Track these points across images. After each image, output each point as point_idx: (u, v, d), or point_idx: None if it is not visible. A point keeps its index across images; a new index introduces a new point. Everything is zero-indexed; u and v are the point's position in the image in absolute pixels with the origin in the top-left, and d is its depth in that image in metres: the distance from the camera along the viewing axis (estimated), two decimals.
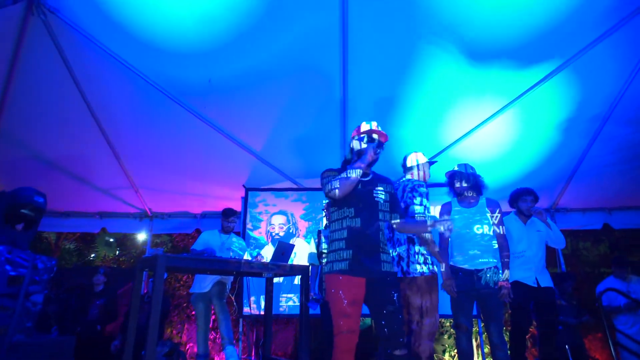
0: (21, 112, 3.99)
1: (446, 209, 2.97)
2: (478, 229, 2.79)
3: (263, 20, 3.26)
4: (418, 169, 2.92)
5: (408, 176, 2.90)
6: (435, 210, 4.78)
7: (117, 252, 8.29)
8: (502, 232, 2.84)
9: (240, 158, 4.68)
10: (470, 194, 2.95)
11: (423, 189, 2.71)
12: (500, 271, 2.72)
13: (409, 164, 2.95)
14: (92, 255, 8.33)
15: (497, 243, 2.83)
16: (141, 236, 7.58)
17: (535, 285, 3.15)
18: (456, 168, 3.12)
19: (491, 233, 2.82)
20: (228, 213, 3.98)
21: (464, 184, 2.98)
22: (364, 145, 2.33)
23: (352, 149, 2.39)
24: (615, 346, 3.77)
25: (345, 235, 2.15)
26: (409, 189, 2.72)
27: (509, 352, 2.82)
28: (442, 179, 3.41)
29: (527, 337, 3.32)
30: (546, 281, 3.20)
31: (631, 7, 3.10)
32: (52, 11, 3.22)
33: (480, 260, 2.72)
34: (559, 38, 3.32)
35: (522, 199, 3.35)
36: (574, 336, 3.99)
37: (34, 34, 3.34)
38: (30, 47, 3.45)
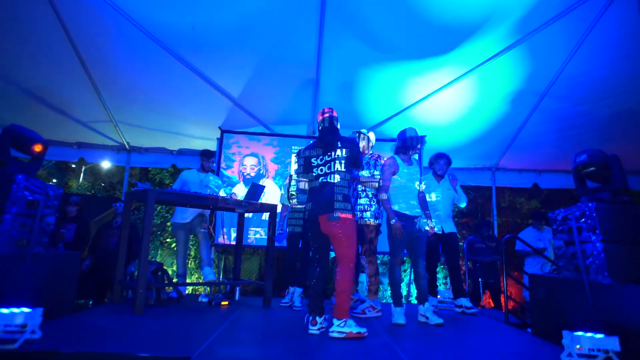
0: (1, 42, 4.04)
1: (394, 164, 3.37)
2: (418, 185, 3.39)
3: None
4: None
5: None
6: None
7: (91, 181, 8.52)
8: (422, 190, 3.49)
9: (218, 101, 4.97)
10: (412, 154, 3.45)
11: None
12: (426, 220, 3.38)
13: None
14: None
15: (419, 197, 3.43)
16: (106, 164, 7.75)
17: (441, 232, 3.92)
18: (416, 133, 3.45)
19: (423, 189, 3.46)
20: (209, 154, 4.35)
21: (417, 145, 3.40)
22: None
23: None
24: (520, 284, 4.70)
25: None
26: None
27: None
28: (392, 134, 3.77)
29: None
30: (449, 228, 3.97)
31: None
32: None
33: (416, 210, 3.34)
34: (518, 16, 3.70)
35: (437, 162, 4.06)
36: (488, 272, 4.89)
37: None
38: None
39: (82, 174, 8.89)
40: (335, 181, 2.76)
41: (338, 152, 2.80)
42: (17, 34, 3.94)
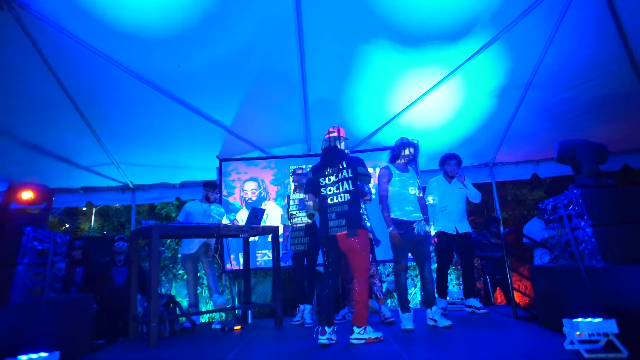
0: (1, 102, 4.26)
1: (387, 173, 3.50)
2: (412, 190, 3.46)
3: (224, 5, 3.57)
4: None
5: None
6: (376, 171, 5.48)
7: (100, 224, 8.73)
8: (422, 195, 3.55)
9: (213, 131, 5.13)
10: (405, 160, 3.54)
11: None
12: (426, 224, 3.44)
13: None
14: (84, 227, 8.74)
15: (420, 203, 3.50)
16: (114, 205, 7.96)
17: (455, 233, 3.92)
18: (414, 141, 3.57)
19: (420, 195, 3.52)
20: (213, 185, 4.45)
21: (410, 153, 3.50)
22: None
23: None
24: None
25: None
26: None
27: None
28: (392, 143, 3.83)
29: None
30: (464, 228, 3.96)
31: None
32: (21, 6, 3.41)
33: (413, 215, 3.41)
34: (493, 11, 3.79)
35: (447, 163, 4.06)
36: (498, 269, 4.90)
37: (5, 28, 3.53)
38: (2, 40, 3.67)
39: (92, 217, 9.10)
40: (346, 200, 2.96)
41: (344, 172, 3.00)
42: (15, 92, 4.15)
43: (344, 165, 3.02)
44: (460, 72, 4.49)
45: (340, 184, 2.99)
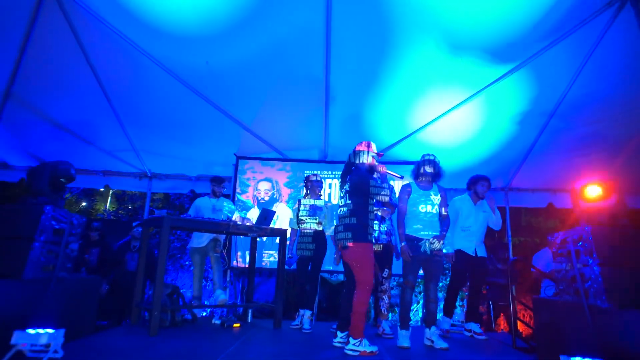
0: (34, 80, 4.42)
1: (408, 190, 3.49)
2: (422, 208, 3.45)
3: (256, 11, 3.67)
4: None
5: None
6: (397, 186, 5.47)
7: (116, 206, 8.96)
8: (445, 213, 3.48)
9: (233, 129, 5.22)
10: (427, 178, 3.51)
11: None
12: (438, 242, 3.38)
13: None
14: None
15: (440, 220, 3.48)
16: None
17: (474, 255, 3.89)
18: (431, 157, 3.55)
19: (434, 211, 3.46)
20: (219, 180, 4.57)
21: (426, 171, 3.48)
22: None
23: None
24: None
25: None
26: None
27: (442, 305, 3.65)
28: (411, 158, 3.80)
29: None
30: (482, 252, 3.95)
31: (580, 18, 3.55)
32: None
33: (421, 232, 3.40)
34: (522, 39, 3.78)
35: (480, 184, 4.04)
36: (501, 294, 4.84)
37: (48, 11, 3.73)
38: (44, 23, 3.83)
39: (109, 199, 9.33)
40: (342, 213, 3.09)
41: (346, 186, 3.14)
42: (48, 71, 4.31)
43: (347, 179, 3.14)
44: (484, 94, 4.47)
45: (345, 197, 3.13)
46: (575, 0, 3.37)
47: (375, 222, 3.74)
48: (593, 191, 2.65)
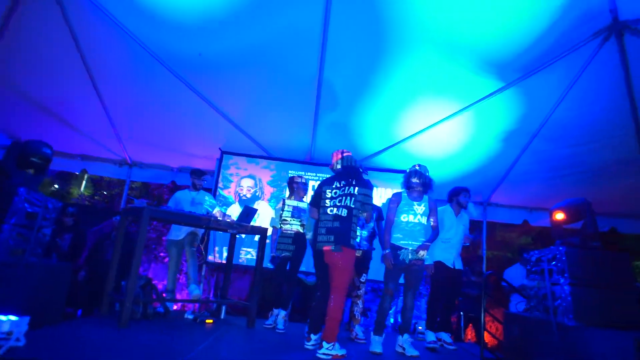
0: (15, 55, 4.27)
1: (397, 199, 3.52)
2: (404, 218, 3.48)
3: (254, 4, 3.62)
4: None
5: None
6: (386, 193, 5.52)
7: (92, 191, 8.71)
8: (435, 224, 3.49)
9: (220, 123, 5.15)
10: (418, 189, 3.52)
11: None
12: (416, 252, 3.41)
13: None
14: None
15: (426, 231, 3.46)
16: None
17: (452, 267, 3.94)
18: (417, 167, 3.58)
19: (416, 221, 3.48)
20: (199, 172, 4.50)
21: (417, 181, 3.50)
22: None
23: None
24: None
25: None
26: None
27: (425, 315, 3.70)
28: (396, 166, 3.84)
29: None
30: (459, 264, 4.02)
31: (569, 45, 3.66)
32: None
33: (401, 242, 3.44)
34: (515, 59, 3.85)
35: (463, 194, 4.11)
36: (473, 305, 4.94)
37: None
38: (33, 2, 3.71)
39: (83, 183, 9.06)
40: (344, 215, 3.02)
41: (351, 189, 3.07)
42: (29, 45, 4.14)
43: (354, 183, 3.08)
44: (473, 109, 4.55)
45: (343, 198, 3.06)
46: (567, 27, 3.47)
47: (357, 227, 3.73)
48: (560, 216, 2.74)
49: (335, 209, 3.06)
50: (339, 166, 3.26)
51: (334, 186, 3.15)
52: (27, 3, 3.76)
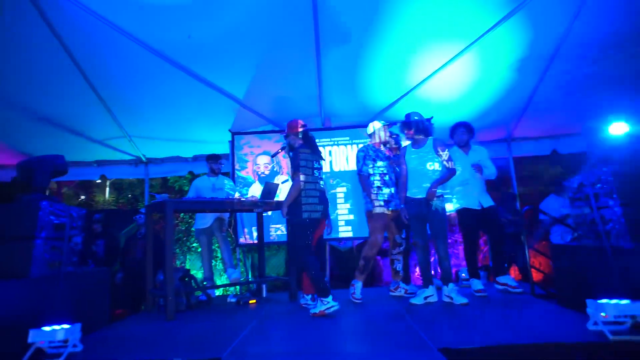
0: (9, 75, 4.20)
1: (402, 153, 3.50)
2: (430, 166, 3.36)
3: None
4: (375, 135, 3.78)
5: (369, 141, 3.79)
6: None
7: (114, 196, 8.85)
8: (451, 167, 3.38)
9: (225, 104, 5.02)
10: (419, 136, 3.43)
11: (371, 153, 3.64)
12: (438, 200, 3.32)
13: (368, 132, 3.85)
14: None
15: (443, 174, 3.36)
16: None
17: (479, 208, 3.73)
18: (419, 116, 3.50)
19: (440, 168, 3.37)
20: (215, 157, 4.46)
21: (409, 131, 3.50)
22: None
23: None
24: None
25: None
26: (360, 157, 3.67)
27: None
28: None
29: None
30: (487, 202, 3.77)
31: None
32: None
33: (412, 191, 3.34)
34: None
35: (455, 132, 3.93)
36: (510, 244, 4.81)
37: (15, 3, 3.47)
38: (9, 10, 3.58)
39: (107, 189, 9.20)
40: (325, 187, 3.41)
41: (321, 162, 3.46)
42: (24, 63, 4.08)
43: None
44: (478, 44, 4.27)
45: (320, 170, 3.41)
46: None
47: (387, 188, 3.63)
48: (617, 128, 2.54)
49: (322, 181, 3.39)
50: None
51: (317, 158, 3.42)
52: (10, 18, 3.63)
